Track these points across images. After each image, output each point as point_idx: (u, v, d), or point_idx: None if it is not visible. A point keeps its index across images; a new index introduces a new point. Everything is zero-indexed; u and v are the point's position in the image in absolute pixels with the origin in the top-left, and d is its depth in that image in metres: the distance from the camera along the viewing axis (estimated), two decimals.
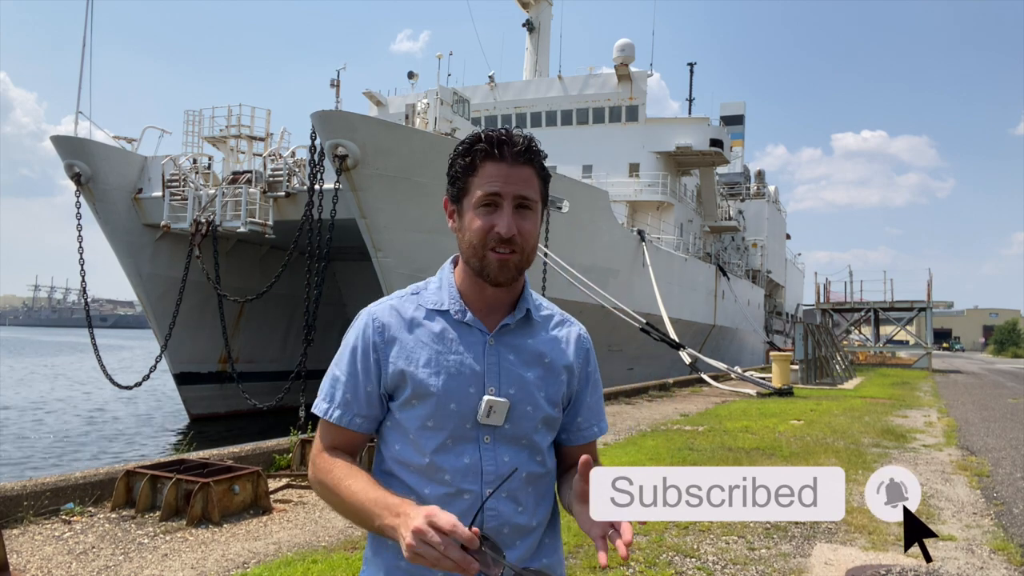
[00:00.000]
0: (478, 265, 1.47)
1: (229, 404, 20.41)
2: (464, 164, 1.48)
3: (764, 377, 20.56)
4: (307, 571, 4.49)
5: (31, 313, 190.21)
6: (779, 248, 52.01)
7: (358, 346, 1.51)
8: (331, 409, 1.53)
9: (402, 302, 1.55)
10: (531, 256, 1.49)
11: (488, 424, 1.46)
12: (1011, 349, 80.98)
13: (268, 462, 7.57)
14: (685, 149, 30.92)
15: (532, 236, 1.48)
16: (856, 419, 13.24)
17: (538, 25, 33.54)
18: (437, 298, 1.53)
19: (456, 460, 1.45)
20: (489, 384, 1.47)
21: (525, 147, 1.46)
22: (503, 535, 1.46)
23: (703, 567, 4.79)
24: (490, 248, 1.45)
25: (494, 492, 1.41)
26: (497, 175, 1.44)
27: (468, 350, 1.49)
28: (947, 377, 30.68)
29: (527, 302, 1.55)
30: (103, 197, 18.59)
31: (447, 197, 1.54)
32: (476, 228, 1.45)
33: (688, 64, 57.01)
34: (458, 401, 1.46)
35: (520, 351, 1.52)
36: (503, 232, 1.43)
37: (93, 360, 18.91)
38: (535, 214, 1.49)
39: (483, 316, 1.52)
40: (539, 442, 1.52)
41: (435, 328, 1.50)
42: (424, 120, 16.97)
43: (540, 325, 1.57)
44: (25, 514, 5.51)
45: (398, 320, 1.51)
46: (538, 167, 1.49)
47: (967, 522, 6.19)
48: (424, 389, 1.46)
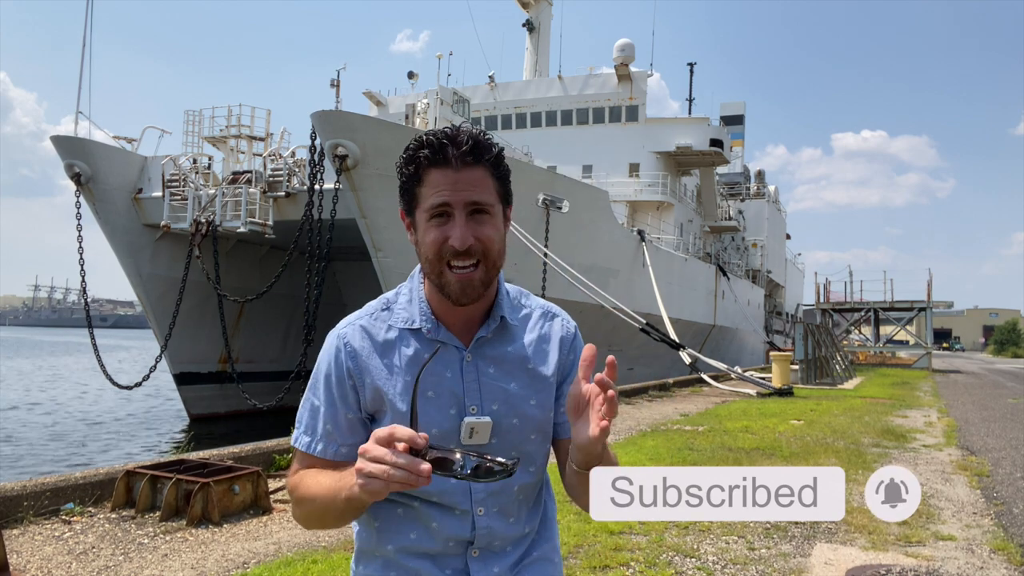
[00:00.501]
0: (438, 282, 1.37)
1: (229, 404, 20.41)
2: (409, 174, 1.37)
3: (764, 377, 20.56)
4: (307, 571, 4.49)
5: (31, 313, 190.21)
6: (779, 248, 52.02)
7: (331, 373, 1.41)
8: (313, 443, 1.41)
9: (372, 322, 1.44)
10: (497, 263, 1.38)
11: (473, 444, 1.37)
12: (1011, 349, 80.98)
13: (268, 462, 7.57)
14: (685, 149, 30.93)
15: (493, 242, 1.36)
16: (856, 419, 13.24)
17: (538, 25, 33.54)
18: (407, 314, 1.43)
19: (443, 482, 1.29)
20: (470, 403, 1.38)
21: (471, 146, 1.33)
22: (494, 546, 1.42)
23: (703, 567, 4.79)
24: (447, 264, 1.34)
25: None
26: (444, 182, 1.32)
27: (445, 369, 1.39)
28: (947, 377, 30.68)
29: (501, 308, 1.43)
30: (103, 197, 18.59)
31: (401, 209, 1.44)
32: (429, 242, 1.35)
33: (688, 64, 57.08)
34: (439, 425, 1.37)
35: (500, 362, 1.42)
36: (457, 245, 1.32)
37: (93, 360, 18.91)
38: (494, 218, 1.37)
39: (457, 331, 1.42)
40: (532, 452, 1.45)
41: (408, 352, 1.40)
42: (424, 120, 16.97)
43: (518, 328, 1.46)
44: (25, 514, 5.51)
45: (370, 344, 1.41)
46: (490, 165, 1.36)
47: (967, 522, 6.19)
48: (401, 419, 1.35)
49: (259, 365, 21.53)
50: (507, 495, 1.42)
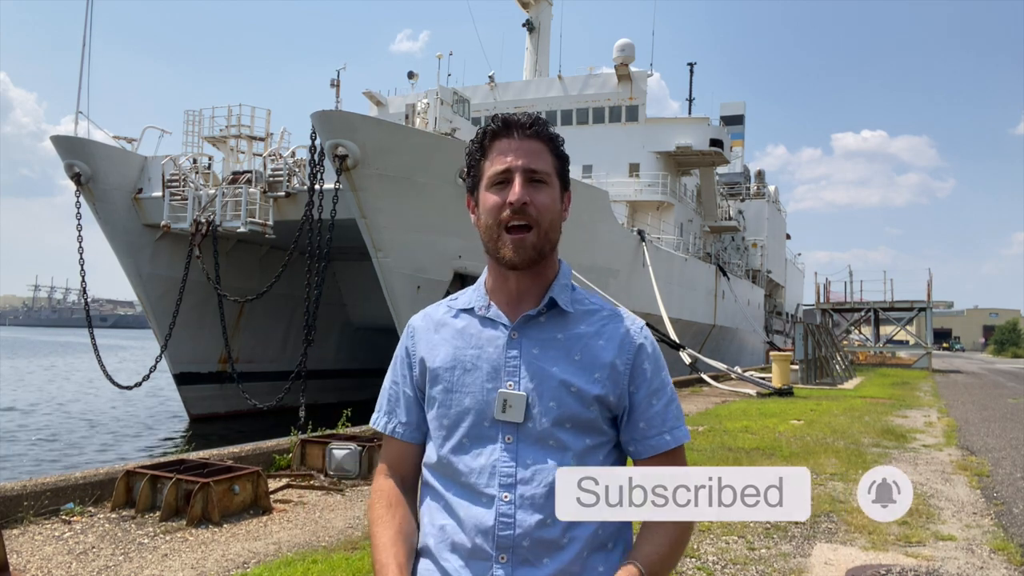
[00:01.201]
0: (494, 248, 1.42)
1: (229, 404, 20.40)
2: (475, 148, 1.49)
3: (764, 377, 20.56)
4: (307, 571, 4.49)
5: (31, 313, 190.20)
6: (779, 248, 52.02)
7: (397, 353, 1.55)
8: (378, 418, 1.55)
9: (436, 307, 1.56)
10: (550, 234, 1.43)
11: (507, 421, 1.36)
12: (1011, 349, 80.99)
13: (268, 462, 7.57)
14: (685, 149, 30.93)
15: (548, 210, 1.41)
16: (856, 419, 13.24)
17: (538, 25, 33.54)
18: (467, 299, 1.52)
19: (472, 460, 1.37)
20: (507, 379, 1.39)
21: (532, 122, 1.44)
22: (522, 549, 1.32)
23: (703, 567, 4.79)
24: (504, 228, 1.40)
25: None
26: (506, 149, 1.42)
27: (488, 344, 1.43)
28: (947, 377, 30.68)
29: (556, 292, 1.45)
30: (103, 197, 18.58)
31: (468, 194, 1.54)
32: (489, 206, 1.42)
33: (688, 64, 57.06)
34: (472, 396, 1.40)
35: (547, 345, 1.42)
36: (513, 200, 1.38)
37: (93, 360, 18.91)
38: (551, 188, 1.43)
39: (508, 309, 1.45)
40: (571, 443, 1.38)
41: (458, 325, 1.48)
42: (424, 120, 16.96)
43: (576, 319, 1.45)
44: (25, 514, 5.51)
45: (427, 323, 1.53)
46: (548, 142, 1.45)
47: (967, 522, 6.19)
48: (441, 385, 1.43)
49: (259, 365, 21.53)
50: (539, 486, 1.34)
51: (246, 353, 21.02)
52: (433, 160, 15.79)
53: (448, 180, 15.94)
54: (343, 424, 8.95)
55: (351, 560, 4.66)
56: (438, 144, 15.96)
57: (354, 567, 4.53)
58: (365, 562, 4.62)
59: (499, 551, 1.33)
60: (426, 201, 15.77)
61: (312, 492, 6.89)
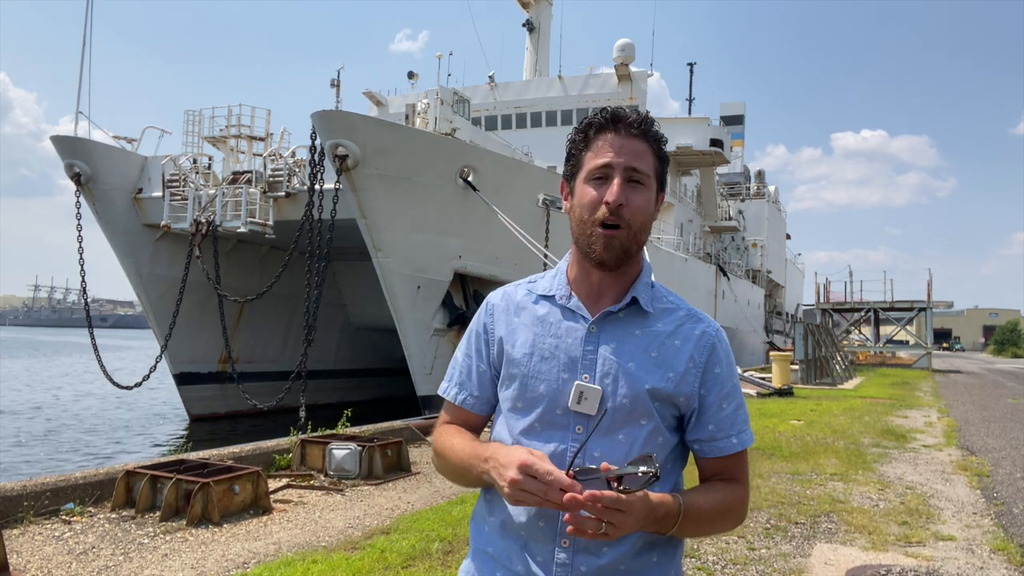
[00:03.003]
0: (585, 242, 1.44)
1: (229, 404, 20.40)
2: (579, 139, 1.49)
3: (764, 377, 20.56)
4: (307, 571, 4.49)
5: (31, 313, 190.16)
6: (779, 248, 52.04)
7: (473, 328, 1.57)
8: (448, 387, 1.58)
9: (515, 288, 1.58)
10: (639, 235, 1.45)
11: (580, 412, 1.40)
12: (1011, 349, 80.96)
13: (268, 462, 7.57)
14: (685, 149, 30.94)
15: (641, 212, 1.43)
16: (856, 419, 13.24)
17: (538, 25, 33.53)
18: (547, 285, 1.53)
19: (543, 445, 1.40)
20: (583, 371, 1.42)
21: (640, 121, 1.46)
22: (584, 538, 1.33)
23: (703, 567, 4.79)
24: (598, 224, 1.42)
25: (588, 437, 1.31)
26: (610, 146, 1.43)
27: (567, 335, 1.45)
28: (947, 377, 30.68)
29: (638, 291, 1.47)
30: (103, 197, 18.58)
31: (563, 179, 1.55)
32: (585, 201, 1.44)
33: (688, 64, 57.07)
34: (547, 383, 1.43)
35: (624, 341, 1.44)
36: (611, 200, 1.40)
37: (93, 360, 18.91)
38: (648, 190, 1.45)
39: (589, 302, 1.48)
40: (637, 438, 1.41)
41: (539, 311, 1.50)
42: (424, 120, 16.96)
43: (655, 317, 1.47)
44: (25, 514, 5.51)
45: (507, 303, 1.55)
46: (653, 143, 1.47)
47: (967, 522, 6.19)
48: (517, 369, 1.46)
49: (259, 365, 21.51)
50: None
51: (246, 353, 21.01)
52: (433, 160, 15.78)
53: (448, 180, 15.94)
54: (343, 424, 8.95)
55: (351, 560, 4.66)
56: (438, 144, 15.95)
57: (354, 567, 4.53)
58: (365, 562, 4.62)
59: (561, 536, 1.36)
60: (426, 201, 15.77)
61: (312, 492, 6.89)
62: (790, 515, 6.16)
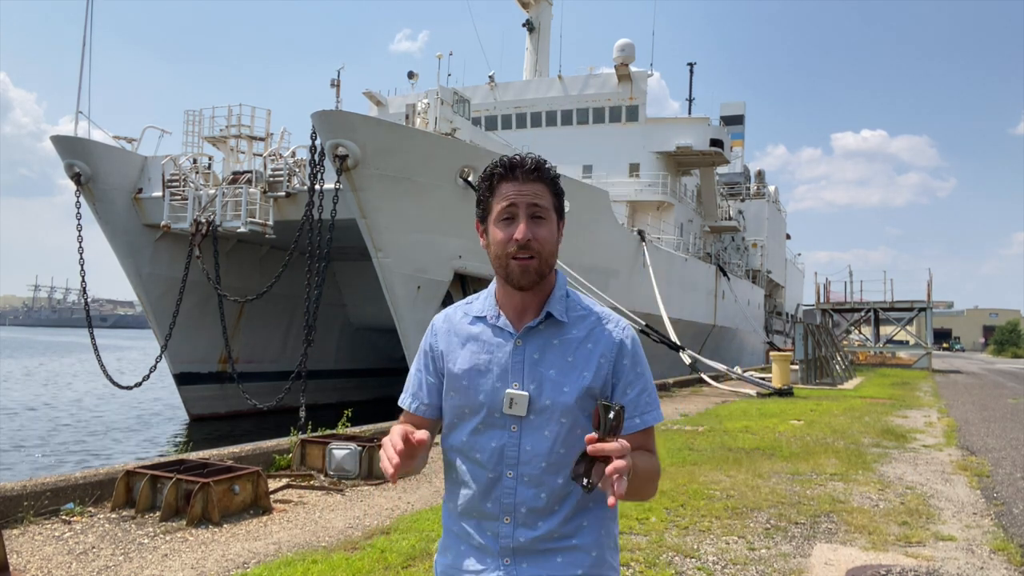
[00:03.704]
0: (504, 273, 1.69)
1: (229, 404, 20.40)
2: (485, 187, 1.72)
3: (764, 377, 20.57)
4: (307, 571, 4.49)
5: (31, 313, 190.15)
6: (779, 248, 52.02)
7: (422, 347, 1.83)
8: (404, 398, 1.83)
9: (455, 310, 1.83)
10: (549, 260, 1.69)
11: (512, 414, 1.65)
12: (1011, 349, 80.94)
13: (268, 462, 7.57)
14: (685, 149, 30.91)
15: (547, 242, 1.68)
16: (856, 419, 13.24)
17: (538, 25, 33.53)
18: (480, 307, 1.78)
19: (486, 443, 1.68)
20: (513, 379, 1.67)
21: (534, 166, 1.69)
22: (520, 514, 1.65)
23: (703, 567, 4.79)
24: (511, 256, 1.65)
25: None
26: (512, 191, 1.67)
27: (498, 349, 1.71)
28: (947, 377, 30.68)
29: (551, 305, 1.72)
30: (103, 197, 18.58)
31: (477, 220, 1.77)
32: (498, 240, 1.67)
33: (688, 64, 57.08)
34: (485, 393, 1.68)
35: (545, 350, 1.69)
36: (519, 237, 1.63)
37: (93, 360, 18.91)
38: (549, 222, 1.69)
39: (514, 319, 1.73)
40: (561, 431, 1.66)
41: (474, 331, 1.76)
42: (424, 120, 16.96)
43: (570, 326, 1.72)
44: (25, 514, 5.51)
45: (448, 325, 1.80)
46: (548, 182, 1.71)
47: (967, 522, 6.19)
48: (459, 383, 1.72)
49: (259, 365, 21.52)
50: (534, 466, 1.64)
51: (246, 353, 21.02)
52: (433, 160, 15.78)
53: (448, 180, 15.94)
54: (343, 424, 8.95)
55: (351, 560, 4.66)
56: (438, 144, 15.95)
57: (354, 567, 4.53)
58: (365, 562, 4.62)
59: (503, 514, 1.66)
60: (426, 201, 15.77)
61: (312, 492, 6.89)
62: (790, 515, 6.16)
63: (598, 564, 1.68)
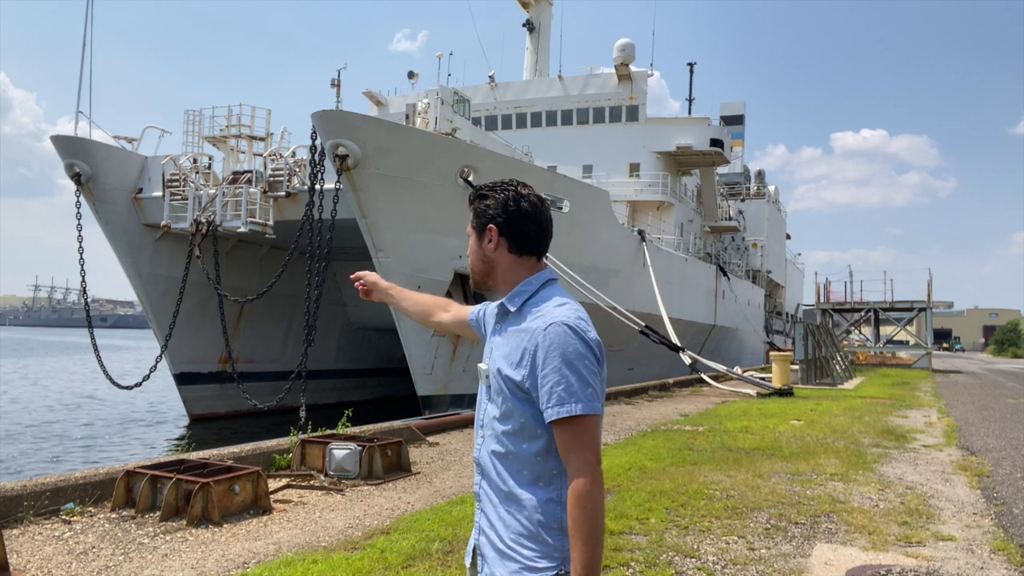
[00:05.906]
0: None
1: (229, 404, 20.40)
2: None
3: (764, 377, 20.56)
4: (307, 571, 4.49)
5: (31, 313, 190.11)
6: (779, 248, 52.00)
7: (486, 303, 2.26)
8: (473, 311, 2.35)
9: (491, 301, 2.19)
10: (475, 270, 2.07)
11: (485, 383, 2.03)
12: (1011, 349, 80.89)
13: (268, 462, 7.57)
14: (685, 149, 30.91)
15: (472, 255, 2.07)
16: (856, 419, 13.24)
17: (538, 25, 33.52)
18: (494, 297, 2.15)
19: (478, 399, 2.06)
20: (486, 356, 2.04)
21: (471, 197, 2.09)
22: (480, 465, 1.98)
23: (703, 567, 4.79)
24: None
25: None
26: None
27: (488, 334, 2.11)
28: (947, 377, 30.68)
29: (506, 300, 2.02)
30: (103, 197, 18.58)
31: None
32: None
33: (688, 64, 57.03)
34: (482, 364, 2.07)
35: (501, 336, 2.00)
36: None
37: (93, 360, 18.90)
38: (473, 239, 2.06)
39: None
40: (502, 405, 1.93)
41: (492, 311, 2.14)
42: (424, 120, 16.96)
43: (523, 319, 1.95)
44: (25, 514, 5.51)
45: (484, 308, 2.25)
46: (472, 204, 2.07)
47: (967, 522, 6.19)
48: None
49: (259, 365, 21.52)
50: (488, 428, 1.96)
51: (246, 353, 21.01)
52: (433, 160, 15.78)
53: (448, 180, 15.94)
54: (343, 424, 8.95)
55: (351, 560, 4.66)
56: (438, 144, 15.95)
57: (354, 567, 4.53)
58: (365, 562, 4.63)
59: (477, 465, 2.01)
60: (426, 201, 15.77)
61: (312, 492, 6.89)
62: (790, 515, 6.16)
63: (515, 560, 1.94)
